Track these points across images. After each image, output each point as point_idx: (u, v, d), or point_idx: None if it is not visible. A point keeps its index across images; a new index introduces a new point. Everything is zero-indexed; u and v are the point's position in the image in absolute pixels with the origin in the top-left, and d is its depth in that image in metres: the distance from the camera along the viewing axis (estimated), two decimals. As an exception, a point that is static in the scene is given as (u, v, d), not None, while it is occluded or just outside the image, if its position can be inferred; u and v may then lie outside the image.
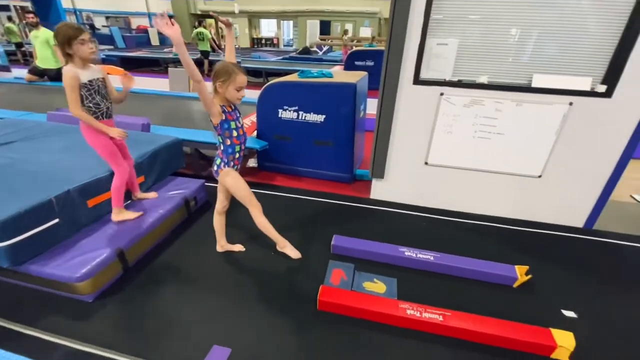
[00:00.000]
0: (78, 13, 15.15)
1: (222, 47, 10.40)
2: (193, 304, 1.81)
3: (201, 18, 10.94)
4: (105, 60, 10.20)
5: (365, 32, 14.96)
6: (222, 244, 2.21)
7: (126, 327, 1.66)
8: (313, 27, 16.89)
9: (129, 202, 2.34)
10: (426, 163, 2.74)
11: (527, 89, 2.32)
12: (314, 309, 1.79)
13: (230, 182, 1.94)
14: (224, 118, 1.79)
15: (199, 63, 9.23)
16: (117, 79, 2.32)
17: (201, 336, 1.62)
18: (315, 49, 12.47)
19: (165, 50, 9.84)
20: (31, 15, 5.08)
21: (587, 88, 2.23)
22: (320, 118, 3.12)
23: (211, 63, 9.53)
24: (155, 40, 15.30)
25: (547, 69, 2.30)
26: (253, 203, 2.02)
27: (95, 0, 15.19)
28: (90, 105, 1.90)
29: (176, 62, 9.99)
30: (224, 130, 1.82)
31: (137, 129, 3.01)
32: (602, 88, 2.20)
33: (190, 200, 2.53)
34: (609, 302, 1.95)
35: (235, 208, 2.61)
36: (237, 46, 14.36)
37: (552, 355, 1.58)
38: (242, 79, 1.75)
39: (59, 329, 1.63)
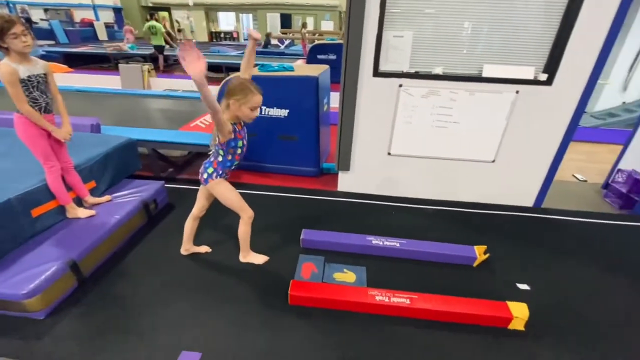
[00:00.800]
0: (12, 5, 13.69)
1: (178, 41, 9.92)
2: (157, 311, 1.73)
3: (152, 11, 10.33)
4: (46, 57, 9.33)
5: (327, 25, 14.98)
6: (187, 248, 2.13)
7: (84, 343, 1.55)
8: (273, 20, 16.59)
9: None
10: (389, 153, 2.81)
11: (479, 78, 2.44)
12: (286, 304, 1.79)
13: (222, 191, 1.86)
14: (233, 137, 1.69)
15: (153, 58, 8.78)
16: (61, 77, 2.14)
17: (168, 344, 1.55)
18: (277, 42, 12.28)
19: (114, 45, 9.18)
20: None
21: (531, 77, 2.40)
22: (283, 112, 3.09)
23: (166, 58, 9.08)
24: (102, 35, 14.20)
25: (496, 59, 2.44)
26: (245, 210, 1.94)
27: (30, -10, 13.81)
28: (28, 100, 1.77)
29: (127, 57, 9.38)
30: (229, 148, 1.73)
31: (86, 131, 2.80)
32: (543, 76, 2.38)
33: (150, 203, 2.40)
34: (557, 272, 2.14)
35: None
36: (193, 40, 13.77)
37: (509, 326, 1.70)
38: (258, 99, 1.67)
39: (8, 351, 1.49)
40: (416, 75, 2.48)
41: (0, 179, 1.91)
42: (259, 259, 2.12)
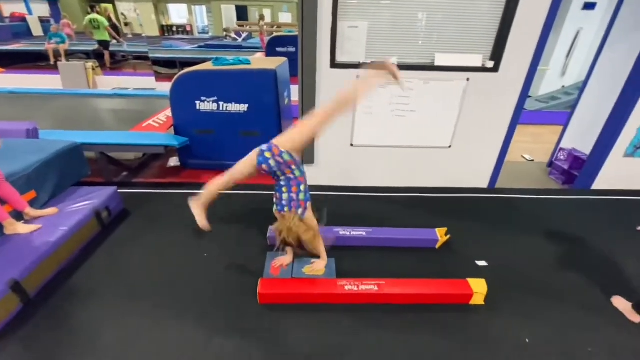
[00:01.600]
0: None
1: (122, 35, 9.28)
2: (116, 326, 1.62)
3: (94, 3, 9.55)
4: (-30, 56, 8.33)
5: (285, 17, 14.71)
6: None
7: (34, 368, 1.42)
8: (229, 12, 16.00)
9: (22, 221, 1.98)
10: (352, 144, 2.83)
11: (432, 67, 2.52)
12: (255, 303, 1.75)
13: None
14: None
15: (98, 55, 8.13)
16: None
17: None
18: (234, 35, 11.88)
19: (52, 42, 8.36)
20: None
21: (479, 64, 2.52)
22: (243, 107, 3.00)
23: (113, 54, 8.46)
24: (37, 30, 12.88)
25: (448, 48, 2.52)
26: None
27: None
28: None
29: (69, 54, 8.62)
30: None
31: (21, 136, 2.53)
32: (490, 64, 2.50)
33: (102, 211, 2.23)
34: (511, 247, 2.29)
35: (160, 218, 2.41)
36: (143, 35, 12.93)
37: (471, 302, 1.80)
38: None
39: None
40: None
41: None
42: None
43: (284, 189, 1.71)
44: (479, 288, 1.78)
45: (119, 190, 2.49)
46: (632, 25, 2.73)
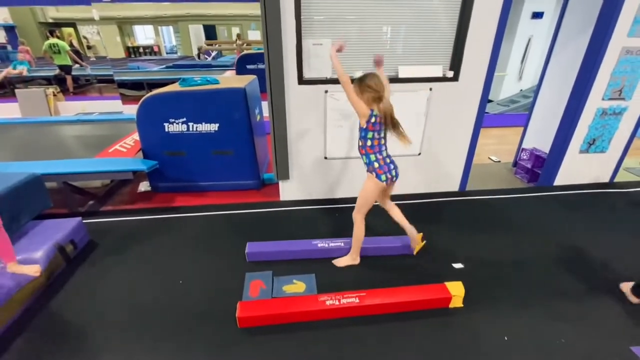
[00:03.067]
0: None
1: (87, 59, 9.02)
2: (87, 366, 1.52)
3: (53, 27, 9.25)
4: None
5: (254, 35, 14.83)
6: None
7: None
8: (197, 31, 15.95)
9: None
10: (326, 157, 2.86)
11: (397, 79, 2.61)
12: (235, 328, 1.70)
13: (367, 186, 2.05)
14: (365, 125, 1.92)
15: (59, 80, 7.82)
16: None
17: (103, 401, 1.37)
18: (204, 54, 11.83)
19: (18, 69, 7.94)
20: None
21: (440, 74, 2.65)
22: (214, 127, 2.97)
23: (76, 79, 8.17)
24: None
25: (410, 60, 2.63)
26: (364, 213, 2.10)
27: None
28: None
29: (27, 81, 8.25)
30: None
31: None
32: (450, 73, 2.63)
33: (66, 244, 2.11)
34: (485, 247, 2.37)
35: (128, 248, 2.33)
36: (107, 57, 12.62)
37: (450, 305, 1.83)
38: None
39: None
40: (339, 81, 2.56)
41: None
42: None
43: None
44: (456, 291, 1.82)
45: (84, 221, 2.37)
46: (575, 31, 2.96)
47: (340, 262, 2.17)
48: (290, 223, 2.70)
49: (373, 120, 1.86)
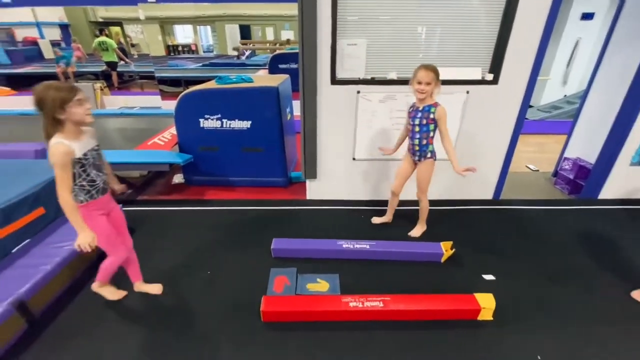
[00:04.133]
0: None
1: (129, 56, 9.56)
2: (117, 350, 1.61)
3: (102, 26, 9.89)
4: (-15, 80, 8.61)
5: (287, 35, 15.05)
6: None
7: (36, 391, 1.41)
8: (232, 31, 16.43)
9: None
10: (354, 158, 2.85)
11: (432, 81, 2.54)
12: (259, 322, 1.73)
13: (430, 170, 2.30)
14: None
15: (106, 76, 8.36)
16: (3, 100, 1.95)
17: (133, 380, 1.45)
18: (237, 53, 12.17)
19: (61, 64, 8.61)
20: None
21: (479, 77, 2.55)
22: (246, 124, 3.04)
23: (120, 75, 8.68)
24: (48, 53, 13.35)
25: (446, 62, 2.55)
26: (427, 190, 2.37)
27: (-38, 9, 12.71)
28: (84, 183, 1.48)
29: (78, 76, 8.88)
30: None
31: (30, 157, 2.59)
32: (490, 76, 2.53)
33: (107, 229, 2.25)
34: (518, 260, 2.25)
35: (154, 241, 2.43)
36: (149, 55, 13.30)
37: (479, 317, 1.76)
38: (422, 73, 1.99)
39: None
40: (372, 82, 2.54)
41: None
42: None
43: None
44: (486, 303, 1.74)
45: (123, 208, 2.50)
46: (631, 34, 2.74)
47: (416, 232, 2.49)
48: (315, 222, 2.72)
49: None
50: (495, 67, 2.51)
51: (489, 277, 2.08)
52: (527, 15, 2.34)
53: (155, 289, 1.95)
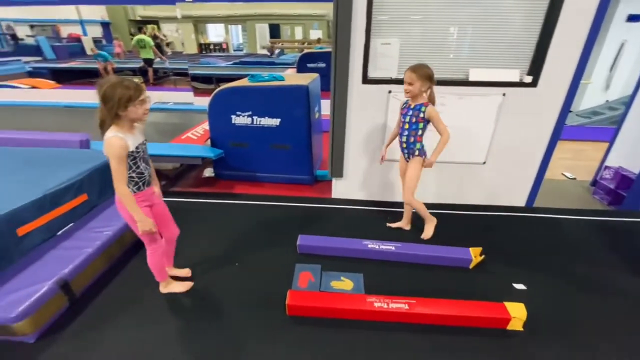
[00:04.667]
0: (-4, 22, 13.57)
1: (164, 53, 9.95)
2: (150, 332, 1.68)
3: (141, 24, 10.34)
4: (33, 74, 9.25)
5: (315, 34, 15.13)
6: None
7: (78, 365, 1.51)
8: (262, 30, 16.72)
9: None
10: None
11: (466, 82, 2.49)
12: (284, 315, 1.76)
13: (418, 167, 2.26)
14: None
15: (142, 72, 8.76)
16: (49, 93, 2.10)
17: (165, 361, 1.52)
18: (265, 52, 12.37)
19: (100, 61, 9.11)
20: None
21: (516, 79, 2.46)
22: (275, 122, 3.09)
23: (156, 71, 9.06)
24: (90, 50, 14.15)
25: (482, 63, 2.49)
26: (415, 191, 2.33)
27: (15, 8, 13.71)
28: (133, 175, 1.55)
29: (119, 71, 9.34)
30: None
31: (75, 147, 2.76)
32: (528, 79, 2.43)
33: (143, 217, 2.37)
34: (552, 270, 2.15)
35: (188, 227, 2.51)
36: (183, 52, 13.79)
37: (508, 327, 1.71)
38: (406, 74, 2.07)
39: (-4, 378, 1.44)
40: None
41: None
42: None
43: None
44: (517, 313, 1.68)
45: (158, 199, 2.62)
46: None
47: (428, 233, 2.44)
48: (340, 220, 2.72)
49: None
50: (535, 69, 2.41)
51: (519, 286, 2.01)
52: (572, 15, 2.24)
53: (184, 272, 2.03)
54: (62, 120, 4.35)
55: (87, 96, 6.90)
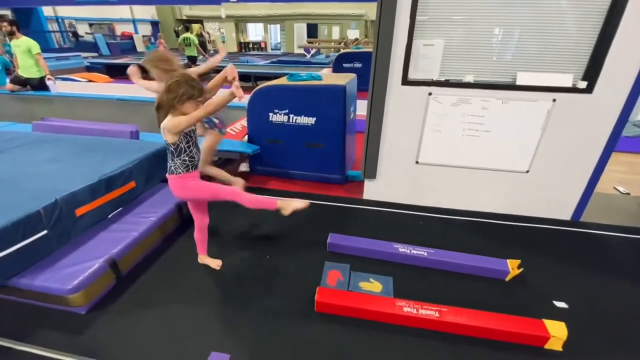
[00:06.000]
0: (60, 21, 14.89)
1: (209, 52, 10.37)
2: (188, 312, 1.79)
3: (187, 23, 10.87)
4: (90, 68, 10.04)
5: (353, 34, 15.09)
6: None
7: (121, 339, 1.63)
8: (300, 30, 16.94)
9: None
10: (417, 162, 2.77)
11: (512, 86, 2.37)
12: (312, 310, 1.79)
13: None
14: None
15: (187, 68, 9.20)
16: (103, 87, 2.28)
17: (198, 345, 1.60)
18: (302, 51, 12.52)
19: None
20: (5, 23, 4.99)
21: (569, 84, 2.30)
22: (311, 121, 3.13)
23: (198, 68, 9.46)
24: (140, 47, 15.12)
25: (530, 66, 2.36)
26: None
27: (78, 7, 14.95)
28: (186, 158, 1.71)
29: (163, 68, 9.88)
30: None
31: (126, 137, 2.97)
32: (583, 84, 2.27)
33: (183, 206, 2.50)
34: (597, 291, 2.01)
35: (229, 215, 2.61)
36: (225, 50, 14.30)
37: (546, 346, 1.62)
38: None
39: (51, 343, 1.60)
40: (446, 84, 2.45)
41: (48, 181, 2.07)
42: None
43: None
44: (557, 332, 1.59)
45: (197, 190, 2.76)
46: None
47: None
48: (370, 222, 2.71)
49: None
50: (591, 74, 2.25)
51: (561, 304, 1.89)
52: (636, 16, 2.06)
53: (216, 263, 2.13)
54: (114, 112, 4.69)
55: (138, 90, 7.39)
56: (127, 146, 2.67)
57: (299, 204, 1.92)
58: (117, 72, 9.83)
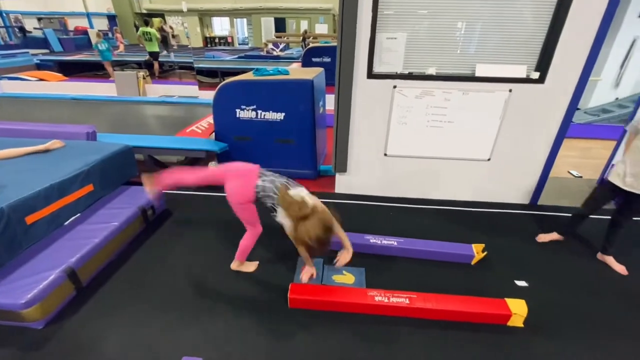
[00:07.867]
0: (4, 15, 13.66)
1: (172, 47, 9.95)
2: (156, 318, 1.72)
3: (147, 17, 10.34)
4: (41, 66, 9.31)
5: (321, 28, 15.03)
6: None
7: (83, 353, 1.54)
8: (268, 24, 16.63)
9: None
10: (385, 154, 2.82)
11: (472, 78, 2.47)
12: (286, 307, 1.79)
13: None
14: None
15: (148, 65, 8.78)
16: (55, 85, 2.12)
17: (168, 351, 1.55)
18: (271, 46, 12.31)
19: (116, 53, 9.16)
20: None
21: (523, 75, 2.43)
22: (279, 116, 3.09)
23: (162, 64, 9.08)
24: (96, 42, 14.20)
25: (488, 59, 2.46)
26: None
27: (24, 0, 13.78)
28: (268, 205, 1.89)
29: (122, 64, 9.38)
30: None
31: (82, 138, 2.79)
32: (535, 75, 2.40)
33: (148, 209, 2.40)
34: (554, 268, 2.15)
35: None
36: (188, 46, 13.79)
37: (509, 323, 1.71)
38: None
39: (5, 363, 1.48)
40: (410, 76, 2.50)
41: (-5, 189, 1.90)
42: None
43: None
44: (518, 309, 1.69)
45: (163, 191, 2.65)
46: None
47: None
48: (342, 215, 2.69)
49: None
50: (543, 65, 2.38)
51: (521, 283, 2.01)
52: (582, 10, 2.20)
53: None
54: (69, 113, 4.38)
55: (94, 88, 6.97)
56: (83, 148, 2.51)
57: (251, 268, 2.08)
58: (72, 70, 9.21)
